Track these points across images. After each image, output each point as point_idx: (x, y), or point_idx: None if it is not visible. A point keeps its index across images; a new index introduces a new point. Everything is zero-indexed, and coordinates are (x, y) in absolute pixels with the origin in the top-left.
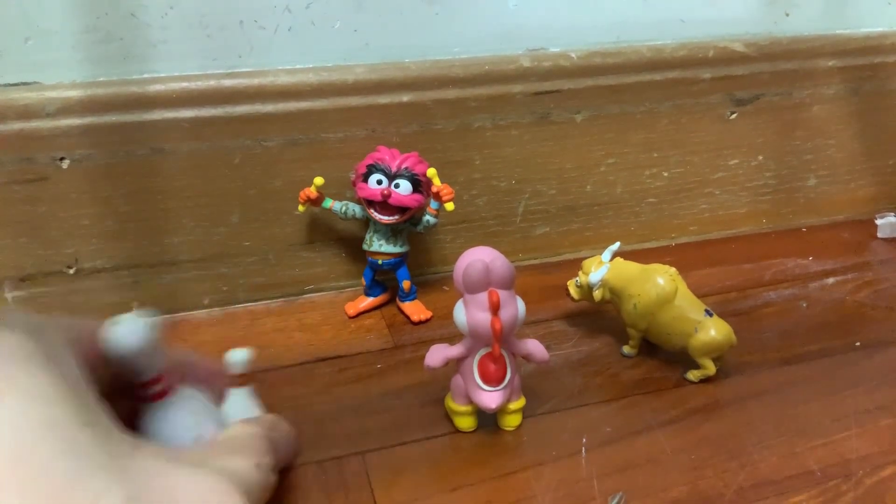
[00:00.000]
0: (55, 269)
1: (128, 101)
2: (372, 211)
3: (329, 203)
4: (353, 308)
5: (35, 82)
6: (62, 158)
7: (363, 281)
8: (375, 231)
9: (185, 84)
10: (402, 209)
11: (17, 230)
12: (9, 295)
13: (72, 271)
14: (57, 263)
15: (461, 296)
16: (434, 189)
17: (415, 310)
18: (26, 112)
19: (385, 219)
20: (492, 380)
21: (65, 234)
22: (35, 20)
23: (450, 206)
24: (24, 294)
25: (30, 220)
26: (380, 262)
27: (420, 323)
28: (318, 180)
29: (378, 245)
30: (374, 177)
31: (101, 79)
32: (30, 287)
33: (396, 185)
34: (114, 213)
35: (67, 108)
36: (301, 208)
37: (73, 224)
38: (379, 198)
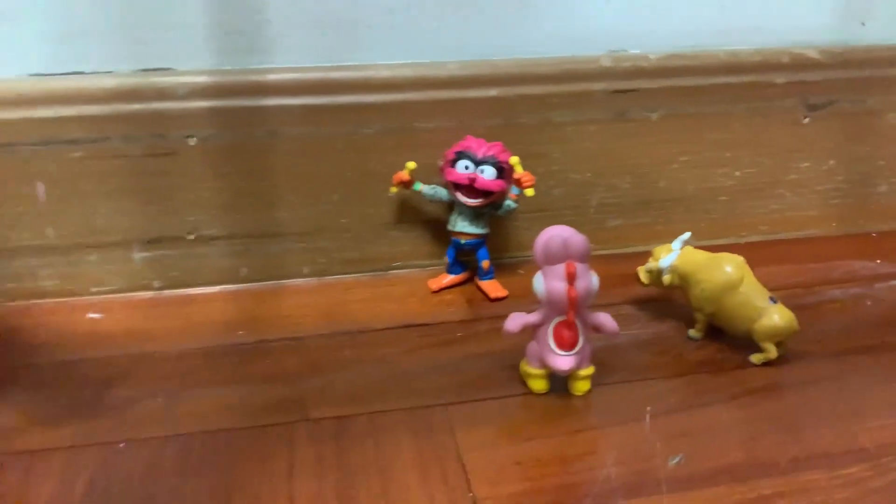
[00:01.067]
0: (178, 235)
1: (249, 88)
2: (458, 194)
3: (419, 186)
4: (435, 284)
5: (170, 68)
6: (190, 136)
7: (446, 259)
8: (460, 213)
9: (298, 75)
10: (486, 193)
11: (148, 198)
12: (136, 255)
13: (191, 237)
14: (179, 230)
15: (540, 268)
16: (516, 176)
17: (492, 288)
18: (161, 94)
19: (470, 201)
20: (565, 345)
21: (188, 204)
22: (174, 13)
23: (530, 192)
24: (149, 255)
25: (159, 189)
26: (462, 241)
27: (497, 300)
28: (411, 164)
29: (462, 226)
30: (462, 162)
31: (227, 67)
32: (154, 249)
33: (482, 171)
34: (231, 188)
35: (197, 92)
36: (393, 189)
37: (196, 195)
38: (465, 181)
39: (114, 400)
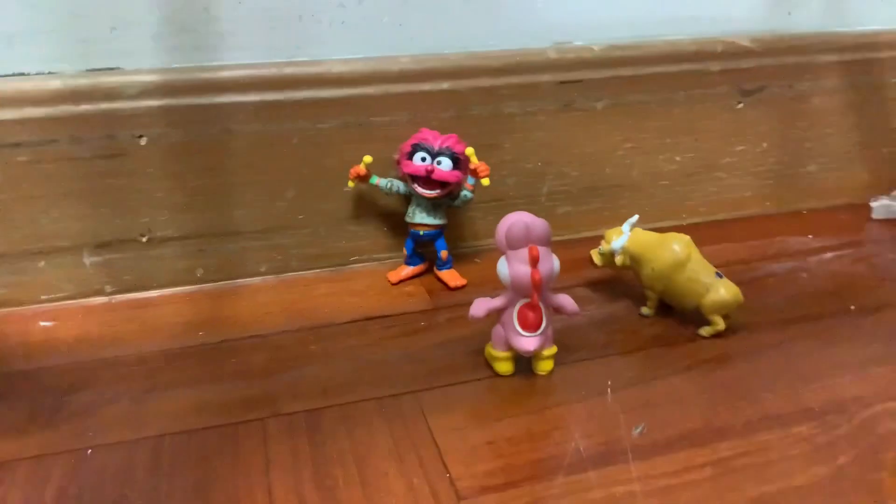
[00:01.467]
0: (130, 237)
1: (200, 85)
2: (416, 186)
3: (375, 180)
4: (395, 276)
5: (118, 67)
6: (140, 136)
7: (404, 251)
8: (417, 205)
9: (251, 71)
10: (443, 184)
11: (98, 201)
12: (87, 260)
13: (144, 240)
14: (132, 232)
15: (503, 253)
16: (472, 166)
17: (451, 277)
18: (110, 94)
19: (428, 192)
20: (530, 326)
21: (140, 206)
22: (120, 12)
23: (486, 182)
24: (101, 260)
25: (109, 191)
26: (421, 232)
27: (456, 289)
28: (367, 158)
29: (420, 217)
30: (419, 154)
31: (177, 65)
32: (106, 253)
33: (438, 163)
34: (184, 187)
35: (146, 91)
36: (350, 184)
37: (148, 196)
38: (423, 173)
39: (77, 406)
